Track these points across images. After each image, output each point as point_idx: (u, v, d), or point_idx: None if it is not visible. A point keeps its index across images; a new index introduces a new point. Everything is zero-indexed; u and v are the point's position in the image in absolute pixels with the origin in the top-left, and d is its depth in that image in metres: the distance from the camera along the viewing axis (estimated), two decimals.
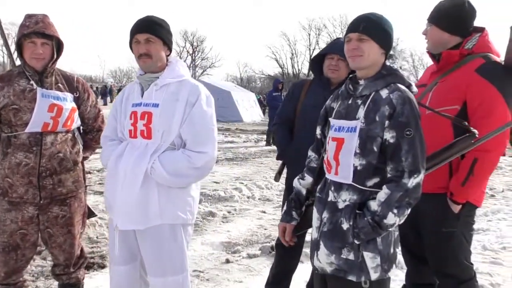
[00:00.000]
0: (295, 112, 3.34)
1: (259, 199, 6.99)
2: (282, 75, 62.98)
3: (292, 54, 65.43)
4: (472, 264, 2.63)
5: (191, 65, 63.42)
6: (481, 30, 2.57)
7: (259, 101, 32.11)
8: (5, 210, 2.72)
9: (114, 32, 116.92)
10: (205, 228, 5.33)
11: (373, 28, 1.97)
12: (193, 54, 66.65)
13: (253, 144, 14.68)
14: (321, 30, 62.93)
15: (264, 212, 6.23)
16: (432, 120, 2.40)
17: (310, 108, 3.18)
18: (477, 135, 2.21)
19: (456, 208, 2.45)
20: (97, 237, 4.80)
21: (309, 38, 64.05)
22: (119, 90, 46.76)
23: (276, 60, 65.61)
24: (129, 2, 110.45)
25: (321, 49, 3.41)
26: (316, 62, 3.34)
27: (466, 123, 2.25)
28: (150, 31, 2.37)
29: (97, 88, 33.24)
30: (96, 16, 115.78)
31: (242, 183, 7.85)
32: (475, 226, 5.86)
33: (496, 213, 6.62)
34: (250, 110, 27.11)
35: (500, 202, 7.36)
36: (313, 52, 63.09)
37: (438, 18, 2.59)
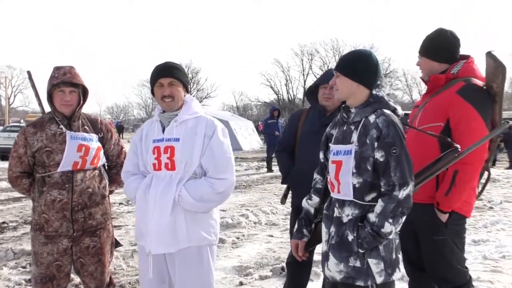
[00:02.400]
0: (295, 138, 3.65)
1: (265, 224, 7.22)
2: (277, 102, 63.55)
3: (287, 81, 66.15)
4: (466, 268, 2.86)
5: None
6: (467, 57, 2.92)
7: (256, 128, 32.52)
8: (42, 244, 2.98)
9: (110, 71, 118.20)
10: (216, 254, 5.51)
11: (343, 65, 2.34)
12: (189, 86, 67.36)
13: (254, 172, 14.94)
14: (313, 55, 63.80)
15: (271, 236, 6.46)
16: (419, 137, 2.73)
17: (308, 134, 3.50)
18: (459, 149, 2.51)
19: (443, 217, 2.72)
20: (114, 269, 5.02)
21: (302, 64, 64.87)
22: (118, 126, 47.09)
23: (271, 87, 66.30)
24: (125, 45, 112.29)
25: (315, 80, 3.74)
26: (311, 92, 3.67)
27: (450, 139, 2.57)
28: (173, 75, 2.70)
29: None
30: (93, 55, 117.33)
31: (248, 209, 8.10)
32: (475, 238, 6.15)
33: (495, 224, 6.88)
34: (249, 138, 27.44)
35: (498, 213, 7.62)
36: (307, 77, 63.86)
37: (426, 50, 2.97)
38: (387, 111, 2.26)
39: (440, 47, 2.92)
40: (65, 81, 2.96)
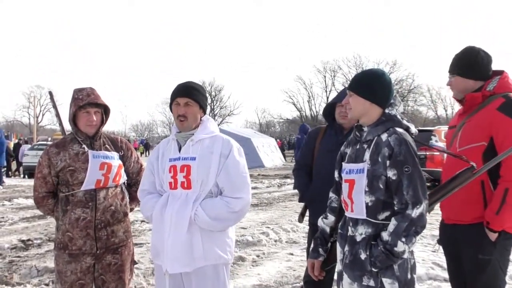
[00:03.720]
0: (312, 157, 3.67)
1: (286, 242, 7.20)
2: (300, 118, 63.57)
3: (309, 97, 66.24)
4: None
5: (210, 114, 64.53)
6: (501, 73, 2.89)
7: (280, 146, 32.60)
8: (66, 263, 3.06)
9: (135, 88, 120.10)
10: (236, 273, 5.55)
11: (356, 84, 2.37)
12: (212, 104, 68.12)
13: (276, 189, 14.92)
14: (336, 71, 63.72)
15: (292, 254, 6.44)
16: (463, 154, 2.67)
17: (325, 152, 3.52)
18: (475, 167, 2.48)
19: (493, 236, 2.67)
20: (135, 286, 5.06)
21: (325, 80, 64.81)
22: (145, 144, 47.70)
23: (294, 104, 66.44)
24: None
25: (331, 99, 3.77)
26: (328, 111, 3.69)
27: (465, 157, 2.54)
28: (190, 96, 2.76)
29: None
30: (119, 75, 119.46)
31: (268, 227, 8.08)
32: None
33: None
34: (271, 155, 27.46)
35: None
36: (329, 93, 63.72)
37: (460, 68, 2.93)
38: (399, 130, 2.27)
39: (475, 65, 2.89)
40: (90, 102, 3.06)
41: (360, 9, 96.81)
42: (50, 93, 3.56)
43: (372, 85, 2.33)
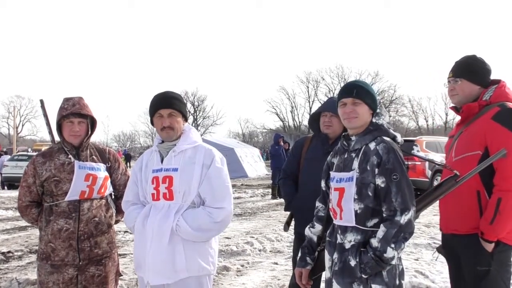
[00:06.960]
0: (298, 166, 3.69)
1: (270, 251, 7.18)
2: (283, 129, 63.79)
3: (292, 107, 66.57)
4: None
5: (193, 124, 64.27)
6: (498, 82, 2.87)
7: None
8: (48, 273, 3.01)
9: (117, 98, 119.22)
10: (221, 283, 5.51)
11: (364, 93, 2.37)
12: (195, 114, 67.98)
13: (259, 199, 14.90)
14: (319, 82, 64.26)
15: (276, 263, 6.42)
16: (458, 164, 2.71)
17: (311, 162, 3.55)
18: (459, 175, 2.51)
19: (489, 247, 2.63)
20: None
21: (308, 91, 65.26)
22: (126, 154, 47.28)
23: (277, 114, 66.68)
24: (131, 78, 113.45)
25: (317, 108, 3.81)
26: (314, 120, 3.73)
27: (449, 166, 2.59)
28: (172, 106, 2.74)
29: None
30: (101, 85, 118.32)
31: (252, 237, 8.06)
32: None
33: None
34: (254, 165, 27.47)
35: None
36: (312, 104, 64.19)
37: (470, 72, 2.86)
38: (387, 138, 2.31)
39: (485, 71, 2.87)
40: (74, 112, 3.04)
41: (343, 20, 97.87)
42: (41, 101, 3.52)
43: (373, 94, 2.38)
